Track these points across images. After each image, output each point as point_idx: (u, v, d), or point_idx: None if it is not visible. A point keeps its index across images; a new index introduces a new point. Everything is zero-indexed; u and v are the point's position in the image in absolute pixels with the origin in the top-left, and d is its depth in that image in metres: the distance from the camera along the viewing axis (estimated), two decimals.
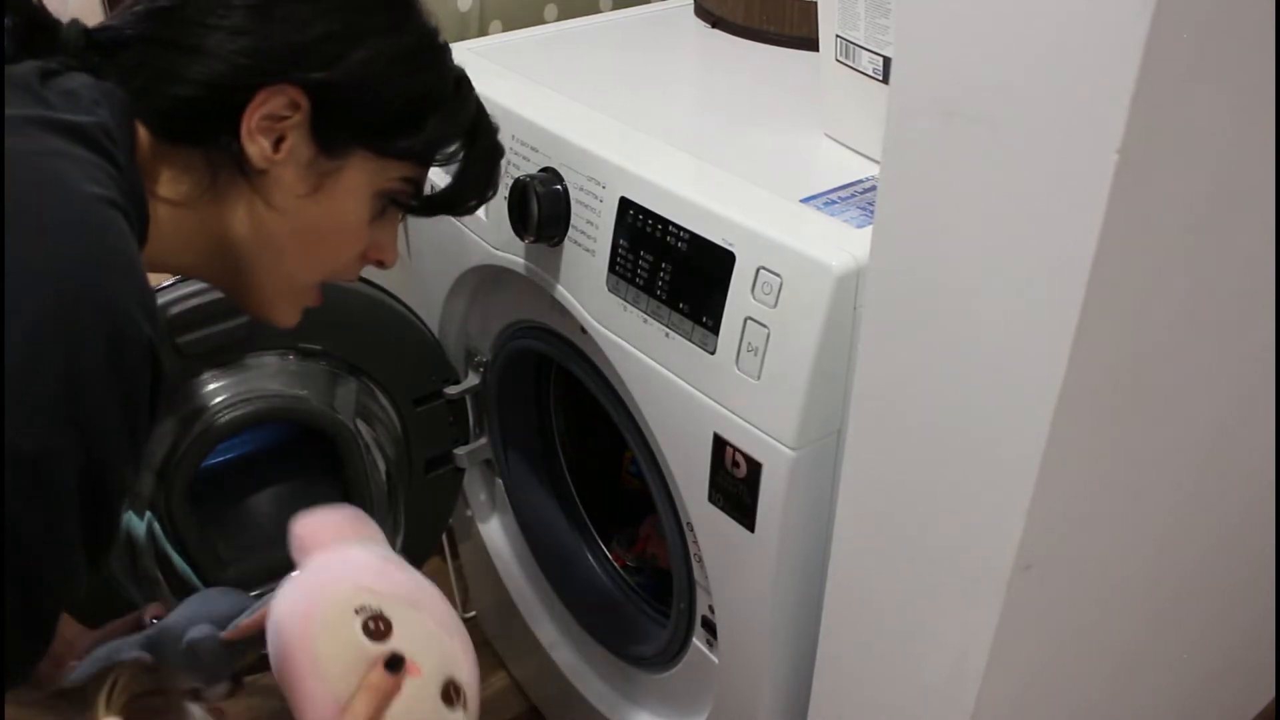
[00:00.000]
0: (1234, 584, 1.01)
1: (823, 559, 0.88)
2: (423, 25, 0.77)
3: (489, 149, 0.86)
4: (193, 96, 0.69)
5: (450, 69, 0.80)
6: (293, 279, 0.79)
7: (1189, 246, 0.64)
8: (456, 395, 1.30)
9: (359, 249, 0.81)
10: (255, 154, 0.70)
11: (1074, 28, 0.54)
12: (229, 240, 0.74)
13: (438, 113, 0.78)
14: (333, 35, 0.70)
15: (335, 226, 0.77)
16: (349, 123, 0.73)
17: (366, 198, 0.77)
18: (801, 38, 1.20)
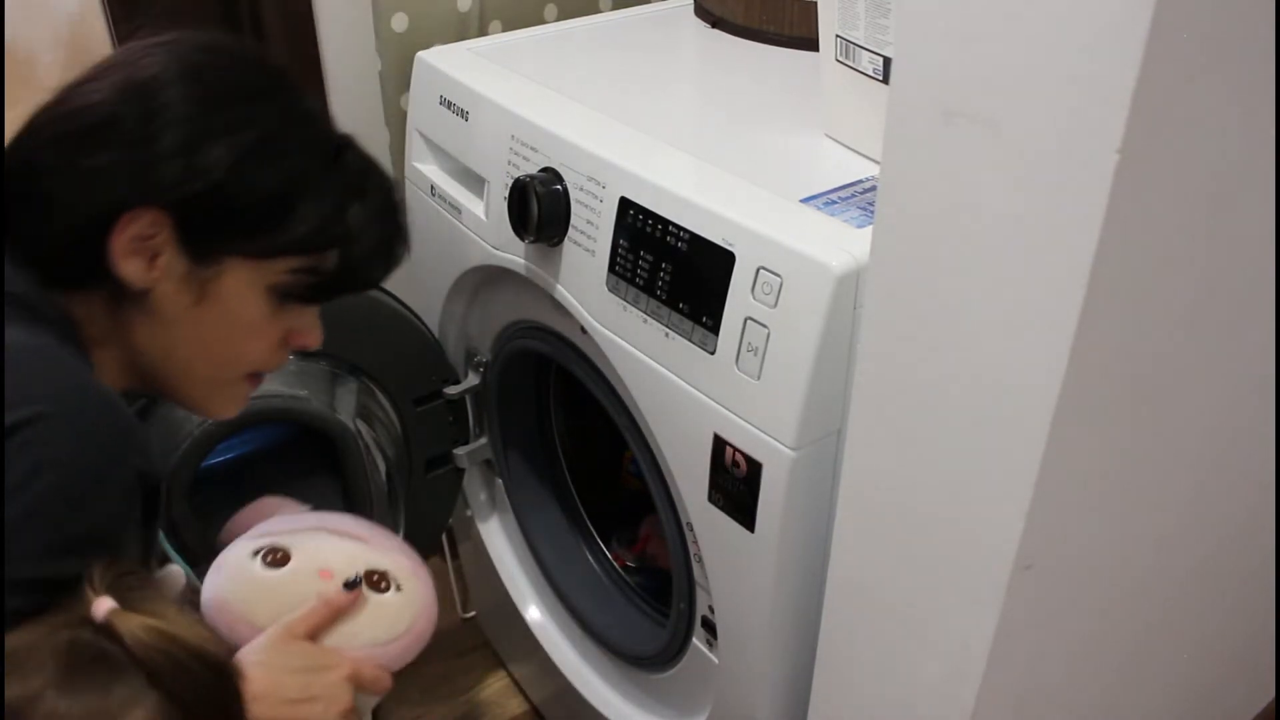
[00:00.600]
0: (1234, 584, 1.01)
1: (823, 559, 0.88)
2: (271, 112, 0.74)
3: (380, 211, 0.80)
4: (64, 241, 0.71)
5: (315, 145, 0.76)
6: (212, 380, 0.80)
7: (1189, 246, 0.64)
8: (456, 395, 1.30)
9: (270, 341, 0.79)
10: (132, 276, 0.71)
11: (1074, 28, 0.53)
12: (146, 360, 0.76)
13: (306, 198, 0.74)
14: (175, 150, 0.70)
15: (233, 328, 0.76)
16: (213, 231, 0.72)
17: (256, 297, 0.75)
18: (801, 38, 1.20)
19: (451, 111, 1.16)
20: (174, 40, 0.75)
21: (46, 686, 0.58)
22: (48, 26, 1.24)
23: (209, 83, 0.73)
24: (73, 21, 1.27)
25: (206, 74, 0.73)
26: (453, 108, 1.16)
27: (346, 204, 0.76)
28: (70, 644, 0.60)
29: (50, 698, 0.58)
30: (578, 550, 1.36)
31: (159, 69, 0.72)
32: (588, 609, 1.31)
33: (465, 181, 1.18)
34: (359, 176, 0.78)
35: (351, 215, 0.76)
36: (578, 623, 1.34)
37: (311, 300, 0.79)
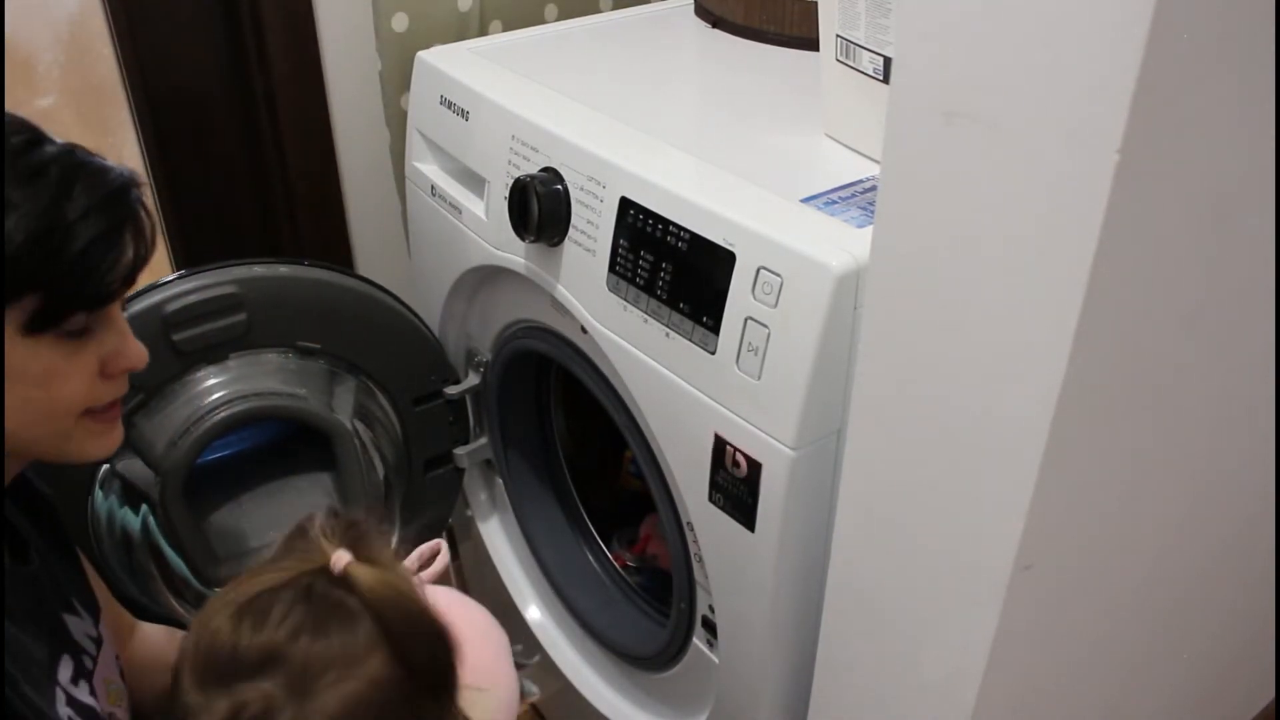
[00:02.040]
0: (1234, 584, 1.01)
1: (823, 559, 0.88)
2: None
3: (87, 212, 0.71)
4: None
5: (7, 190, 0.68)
6: (47, 434, 0.75)
7: (1189, 246, 0.64)
8: (456, 395, 1.30)
9: (82, 377, 0.74)
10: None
11: (1074, 28, 0.54)
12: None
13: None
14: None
15: (27, 385, 0.71)
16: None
17: (30, 345, 0.70)
18: (801, 38, 1.20)
19: (452, 111, 1.16)
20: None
21: (301, 630, 0.63)
22: (48, 26, 1.24)
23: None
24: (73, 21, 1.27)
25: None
26: (453, 108, 1.16)
27: (52, 216, 0.68)
28: (310, 591, 0.64)
29: (305, 640, 0.62)
30: (578, 550, 1.36)
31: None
32: (588, 609, 1.31)
33: (465, 181, 1.18)
34: (64, 182, 0.70)
35: (60, 225, 0.69)
36: (578, 623, 1.34)
37: (55, 328, 0.71)
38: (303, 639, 0.63)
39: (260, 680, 0.62)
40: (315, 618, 0.64)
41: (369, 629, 0.64)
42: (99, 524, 1.10)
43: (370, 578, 0.65)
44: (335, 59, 1.42)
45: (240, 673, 0.62)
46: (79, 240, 0.69)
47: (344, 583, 0.65)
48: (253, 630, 0.63)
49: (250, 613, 0.64)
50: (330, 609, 0.64)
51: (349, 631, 0.64)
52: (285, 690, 0.62)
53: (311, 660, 0.63)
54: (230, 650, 0.63)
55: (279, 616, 0.63)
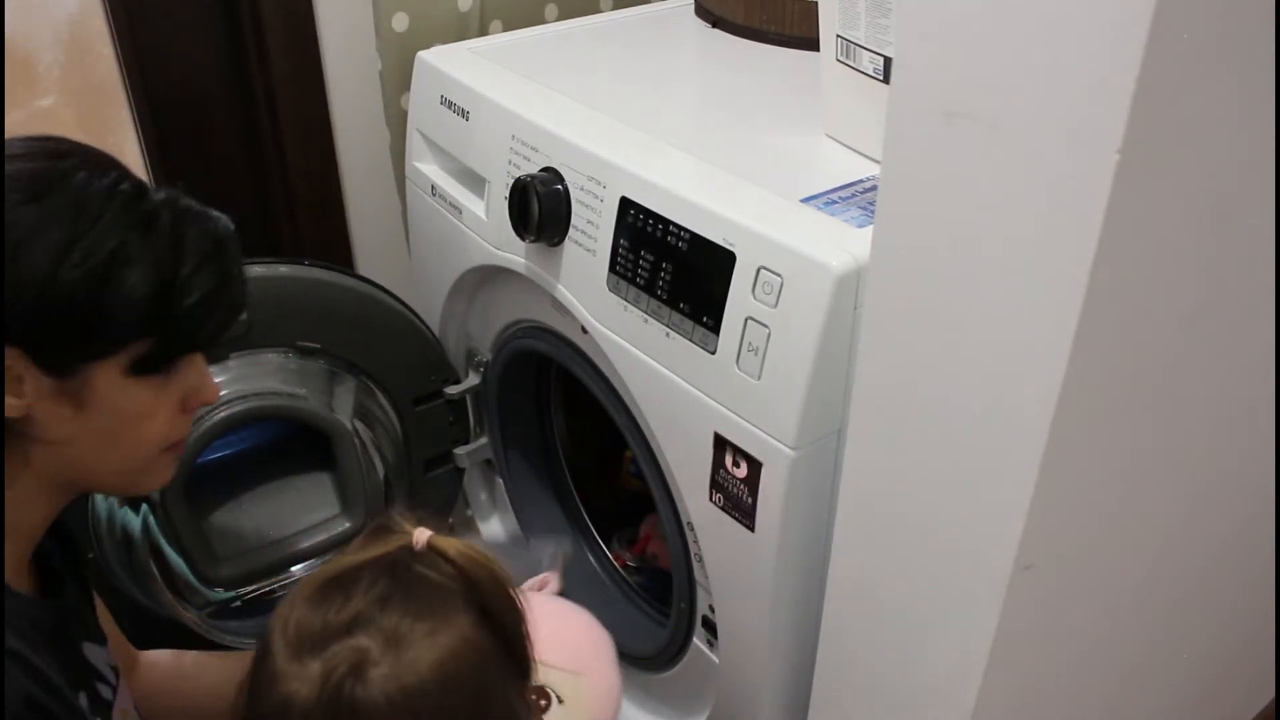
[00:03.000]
0: (1234, 584, 1.01)
1: (823, 559, 0.88)
2: (70, 202, 0.69)
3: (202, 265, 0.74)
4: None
5: (123, 228, 0.70)
6: (131, 468, 0.78)
7: (1189, 246, 0.64)
8: (456, 395, 1.30)
9: (167, 416, 0.76)
10: (7, 410, 0.68)
11: (1074, 28, 0.54)
12: (61, 476, 0.74)
13: (127, 283, 0.69)
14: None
15: (124, 422, 0.74)
16: (59, 346, 0.69)
17: (131, 385, 0.73)
18: (801, 38, 1.20)
19: (452, 111, 1.16)
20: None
21: (389, 597, 0.64)
22: (48, 26, 1.24)
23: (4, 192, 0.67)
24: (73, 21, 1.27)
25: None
26: (453, 108, 1.16)
27: (170, 268, 0.72)
28: (395, 565, 0.66)
29: (395, 604, 0.63)
30: (578, 550, 1.36)
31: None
32: (588, 609, 1.31)
33: (466, 181, 1.18)
34: (176, 235, 0.73)
35: (178, 277, 0.72)
36: None
37: (163, 368, 0.74)
38: (392, 603, 0.64)
39: (351, 639, 0.62)
40: (401, 586, 0.65)
41: (457, 595, 0.66)
42: (99, 524, 1.10)
43: (456, 545, 0.67)
44: (335, 59, 1.42)
45: (331, 637, 0.63)
46: (195, 292, 0.72)
47: (426, 559, 0.66)
48: (340, 603, 0.64)
49: (335, 589, 0.65)
50: (414, 579, 0.66)
51: (438, 596, 0.65)
52: (379, 644, 0.62)
53: (403, 619, 0.63)
54: (320, 623, 0.63)
55: (365, 588, 0.64)
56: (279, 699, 0.62)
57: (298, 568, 1.28)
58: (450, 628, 0.64)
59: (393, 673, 0.62)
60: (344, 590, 0.65)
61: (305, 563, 1.31)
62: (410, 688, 0.62)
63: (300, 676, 0.62)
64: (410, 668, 0.62)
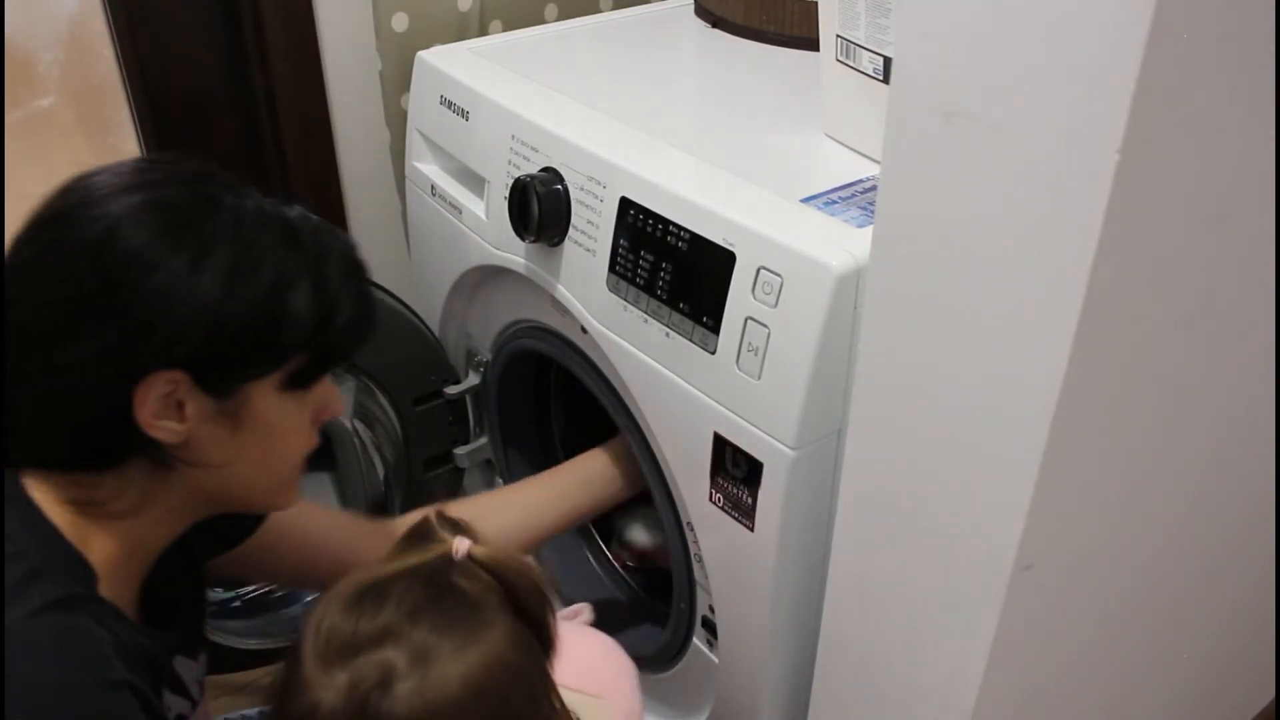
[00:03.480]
0: (1234, 584, 1.01)
1: (823, 559, 0.88)
2: (228, 225, 0.69)
3: (346, 275, 0.75)
4: (80, 438, 0.69)
5: (277, 237, 0.71)
6: (273, 484, 0.79)
7: (1189, 246, 0.64)
8: (456, 395, 1.30)
9: (307, 430, 0.78)
10: (167, 438, 0.69)
11: (1074, 28, 0.54)
12: (203, 497, 0.75)
13: (291, 301, 0.70)
14: (162, 308, 0.66)
15: (274, 437, 0.75)
16: (225, 368, 0.70)
17: (282, 402, 0.74)
18: (801, 38, 1.20)
19: (452, 111, 1.16)
20: (106, 181, 0.69)
21: (420, 610, 0.64)
22: (48, 26, 1.24)
23: (160, 218, 0.67)
24: (73, 21, 1.27)
25: (153, 210, 0.67)
26: (453, 108, 1.16)
27: (321, 285, 0.72)
28: (431, 576, 0.66)
29: (426, 618, 0.64)
30: (578, 550, 1.36)
31: (102, 224, 0.66)
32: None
33: (465, 181, 1.18)
34: (320, 251, 0.73)
35: (328, 293, 0.73)
36: None
37: (310, 383, 0.76)
38: (423, 616, 0.64)
39: (380, 652, 0.63)
40: (434, 598, 0.65)
41: (492, 605, 0.66)
42: None
43: (494, 554, 0.67)
44: (335, 59, 1.42)
45: (360, 648, 0.63)
46: (345, 306, 0.74)
47: (464, 569, 0.66)
48: (372, 613, 0.64)
49: (369, 597, 0.65)
50: (448, 590, 0.65)
51: (470, 609, 0.65)
52: (406, 659, 0.62)
53: (432, 634, 0.63)
54: (350, 631, 0.64)
55: (398, 599, 0.64)
56: (305, 706, 0.63)
57: None
58: (480, 643, 0.64)
59: (418, 688, 0.62)
60: (377, 599, 0.65)
61: None
62: (435, 704, 0.62)
63: (327, 686, 0.62)
64: (436, 684, 0.62)
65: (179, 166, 0.73)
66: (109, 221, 0.66)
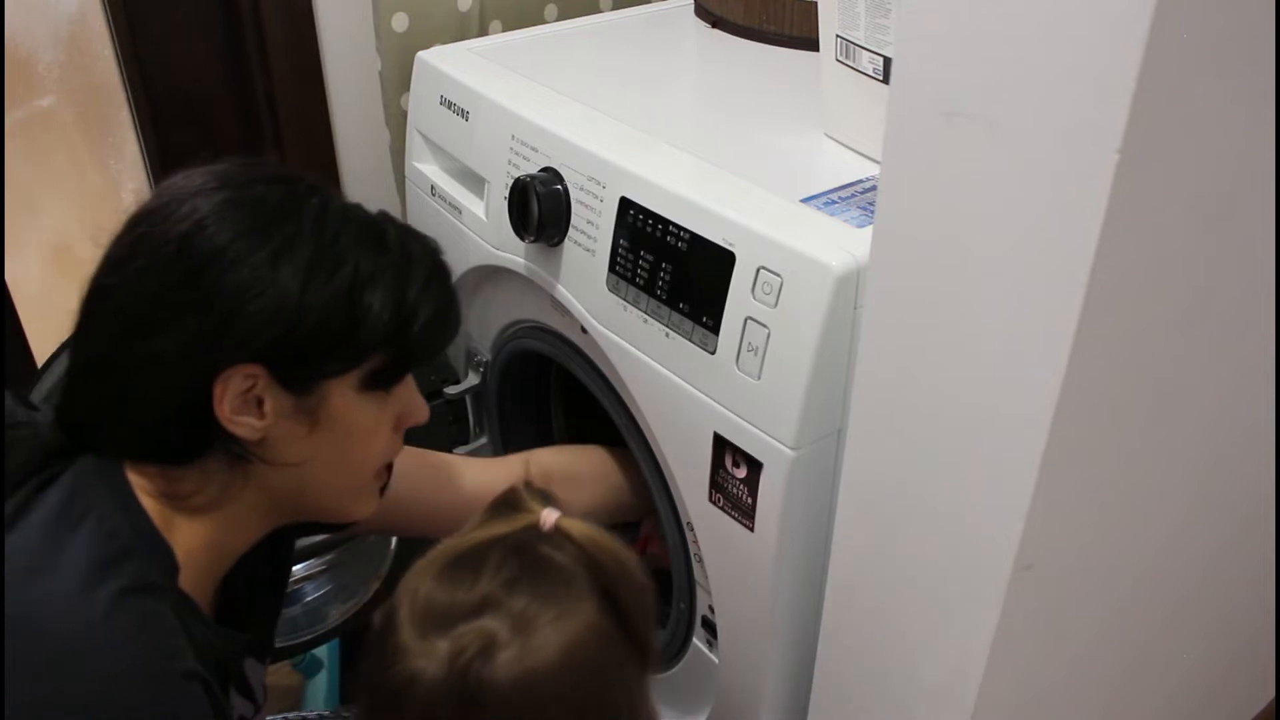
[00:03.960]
0: (1234, 584, 1.01)
1: (823, 559, 0.88)
2: (311, 224, 0.71)
3: (429, 279, 0.76)
4: (163, 430, 0.70)
5: (361, 238, 0.72)
6: (350, 488, 0.79)
7: (1189, 246, 0.64)
8: (456, 395, 1.30)
9: (386, 433, 0.78)
10: (246, 434, 0.70)
11: (1074, 28, 0.54)
12: (280, 497, 0.75)
13: (371, 295, 0.71)
14: (240, 298, 0.67)
15: (353, 439, 0.75)
16: (305, 360, 0.70)
17: (362, 400, 0.74)
18: (801, 38, 1.20)
19: (451, 111, 1.16)
20: (197, 183, 0.71)
21: (517, 580, 0.65)
22: (48, 26, 1.24)
23: (244, 216, 0.69)
24: (73, 21, 1.27)
25: (238, 208, 0.70)
26: (453, 108, 1.16)
27: (403, 285, 0.73)
28: (522, 546, 0.67)
29: (522, 588, 0.64)
30: None
31: (189, 219, 0.68)
32: None
33: (465, 181, 1.18)
34: (404, 253, 0.75)
35: (410, 294, 0.74)
36: None
37: (390, 385, 0.76)
38: (520, 586, 0.64)
39: (480, 620, 0.63)
40: (529, 569, 0.66)
41: (582, 579, 0.66)
42: None
43: (582, 529, 0.68)
44: (335, 59, 1.42)
45: (459, 617, 0.64)
46: (427, 308, 0.74)
47: (553, 539, 0.67)
48: (469, 583, 0.65)
49: (463, 567, 0.66)
50: (542, 562, 0.66)
51: (564, 581, 0.66)
52: (507, 628, 0.63)
53: (531, 603, 0.64)
54: (448, 601, 0.65)
55: (493, 569, 0.65)
56: (405, 674, 0.63)
57: (298, 568, 1.28)
58: (577, 614, 0.65)
59: (519, 656, 0.63)
60: (473, 569, 0.65)
61: (305, 563, 1.32)
62: (536, 671, 0.63)
63: (428, 654, 0.63)
64: (537, 652, 0.63)
65: (266, 169, 0.74)
66: (197, 217, 0.68)
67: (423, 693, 0.62)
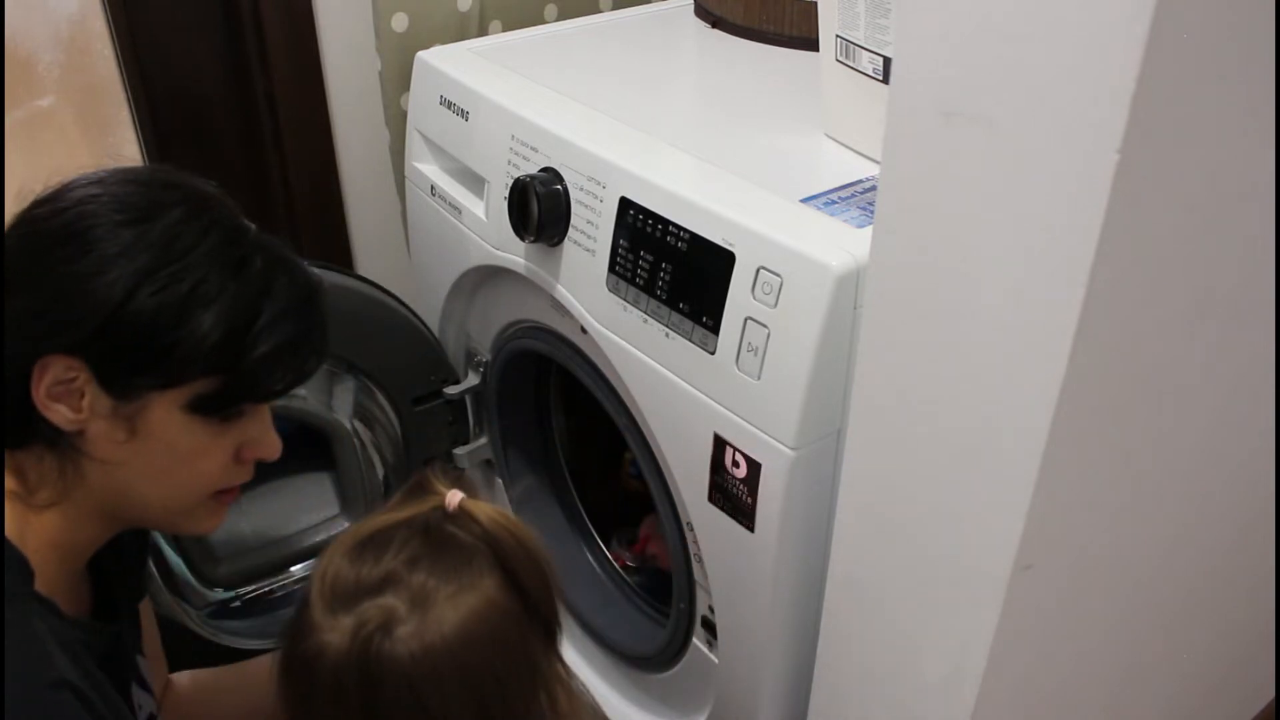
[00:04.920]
0: (1234, 583, 1.01)
1: (822, 559, 0.88)
2: (162, 232, 0.70)
3: (281, 318, 0.74)
4: (4, 397, 0.69)
5: (213, 259, 0.71)
6: (171, 509, 0.78)
7: (1189, 247, 0.64)
8: (456, 395, 1.30)
9: (221, 460, 0.76)
10: (60, 421, 0.69)
11: (1074, 28, 0.54)
12: (108, 501, 0.74)
13: (205, 318, 0.70)
14: (68, 288, 0.68)
15: (175, 457, 0.74)
16: (125, 365, 0.70)
17: (187, 422, 0.73)
18: (801, 38, 1.20)
19: (451, 111, 1.16)
20: (93, 174, 0.72)
21: (419, 557, 0.68)
22: (48, 26, 1.24)
23: (109, 211, 0.70)
24: (73, 21, 1.27)
25: (108, 203, 0.70)
26: (453, 108, 1.16)
27: (247, 313, 0.72)
28: (427, 526, 0.70)
29: (424, 564, 0.68)
30: (578, 550, 1.36)
31: (68, 202, 0.70)
32: (588, 609, 1.31)
33: (465, 181, 1.18)
34: (263, 282, 0.73)
35: (256, 324, 0.72)
36: (578, 622, 1.34)
37: (222, 412, 0.74)
38: (421, 563, 0.68)
39: (382, 597, 0.67)
40: (432, 547, 0.69)
41: (483, 557, 0.70)
42: None
43: (485, 510, 0.72)
44: (335, 59, 1.42)
45: (363, 594, 0.68)
46: (269, 342, 0.73)
47: (458, 520, 0.71)
48: (374, 560, 0.69)
49: (370, 546, 0.69)
50: (445, 540, 0.70)
51: (465, 558, 0.69)
52: (406, 604, 0.67)
53: (430, 579, 0.68)
54: (353, 579, 0.68)
55: (397, 548, 0.69)
56: (314, 648, 0.67)
57: (297, 568, 1.28)
58: (475, 590, 0.68)
59: (417, 631, 0.66)
60: (378, 548, 0.69)
61: (305, 563, 1.32)
62: (434, 646, 0.66)
63: (334, 629, 0.67)
64: (434, 627, 0.66)
65: (153, 174, 0.74)
66: (63, 204, 0.70)
67: (330, 665, 0.66)
